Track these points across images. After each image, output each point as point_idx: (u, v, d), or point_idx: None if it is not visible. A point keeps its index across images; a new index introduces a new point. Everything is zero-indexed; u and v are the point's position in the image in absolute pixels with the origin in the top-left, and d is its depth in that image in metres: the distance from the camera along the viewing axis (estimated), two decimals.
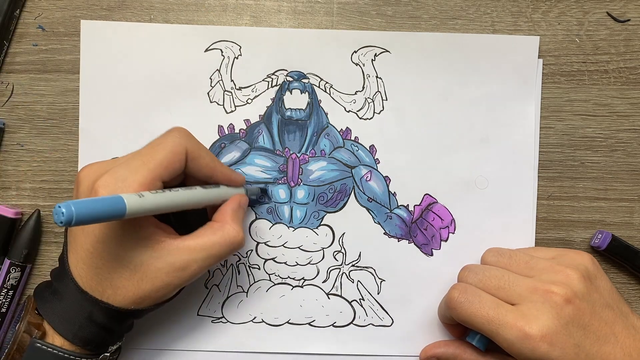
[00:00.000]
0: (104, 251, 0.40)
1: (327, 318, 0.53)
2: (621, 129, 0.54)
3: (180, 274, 0.42)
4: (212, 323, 0.53)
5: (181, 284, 0.43)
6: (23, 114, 0.53)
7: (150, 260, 0.41)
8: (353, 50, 0.53)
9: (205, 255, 0.42)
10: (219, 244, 0.43)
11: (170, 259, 0.41)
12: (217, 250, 0.43)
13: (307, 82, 0.53)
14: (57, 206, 0.32)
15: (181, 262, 0.42)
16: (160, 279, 0.41)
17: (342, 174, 0.53)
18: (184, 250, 0.42)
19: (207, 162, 0.45)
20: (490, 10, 0.54)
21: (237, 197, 0.47)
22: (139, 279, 0.41)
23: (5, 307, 0.51)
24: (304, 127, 0.53)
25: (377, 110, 0.53)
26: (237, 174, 0.48)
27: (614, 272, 0.54)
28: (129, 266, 0.41)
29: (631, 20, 0.54)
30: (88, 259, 0.41)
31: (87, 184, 0.41)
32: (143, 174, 0.40)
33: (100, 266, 0.41)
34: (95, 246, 0.40)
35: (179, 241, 0.42)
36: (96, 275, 0.41)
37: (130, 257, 0.40)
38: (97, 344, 0.43)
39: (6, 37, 0.52)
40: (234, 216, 0.45)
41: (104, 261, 0.40)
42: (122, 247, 0.40)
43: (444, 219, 0.53)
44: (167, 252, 0.41)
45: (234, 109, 0.53)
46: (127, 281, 0.41)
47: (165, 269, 0.41)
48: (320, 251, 0.53)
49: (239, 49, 0.53)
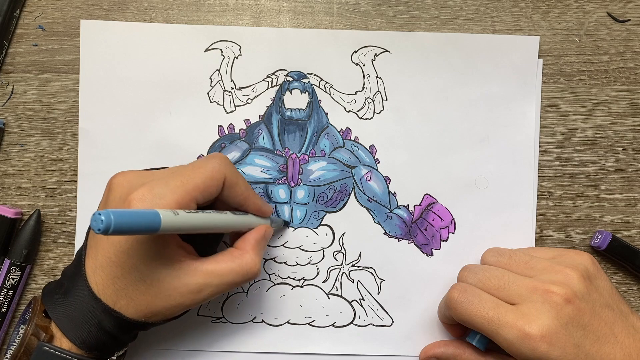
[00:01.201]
0: (125, 262, 0.40)
1: (327, 318, 0.53)
2: (621, 129, 0.54)
3: (193, 296, 0.42)
4: (212, 323, 0.53)
5: (192, 305, 0.43)
6: (23, 114, 0.53)
7: (167, 279, 0.41)
8: (353, 50, 0.53)
9: (220, 281, 0.42)
10: (235, 272, 0.43)
11: (186, 279, 0.41)
12: (233, 278, 0.43)
13: (307, 82, 0.53)
14: (97, 213, 0.32)
15: (197, 285, 0.42)
16: (173, 298, 0.41)
17: (342, 174, 0.53)
18: (201, 274, 0.42)
19: (242, 191, 0.45)
20: (490, 10, 0.54)
21: (263, 227, 0.47)
22: (154, 295, 0.41)
23: (6, 307, 0.51)
24: (304, 127, 0.53)
25: (377, 110, 0.53)
26: (267, 206, 0.48)
27: (614, 272, 0.54)
28: (146, 280, 0.41)
29: (631, 20, 0.54)
30: (108, 267, 0.41)
31: (120, 193, 0.41)
32: (180, 195, 0.40)
33: (119, 276, 0.40)
34: (118, 256, 0.40)
35: (198, 263, 0.42)
36: (113, 284, 0.41)
37: (149, 272, 0.40)
38: (103, 350, 0.43)
39: (6, 37, 0.52)
40: (256, 246, 0.45)
41: (123, 272, 0.40)
42: (144, 262, 0.40)
43: (444, 219, 0.53)
44: (185, 272, 0.41)
45: (234, 109, 0.53)
46: (142, 295, 0.41)
47: (180, 289, 0.41)
48: (320, 251, 0.53)
49: (239, 49, 0.53)
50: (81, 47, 0.53)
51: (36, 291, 0.53)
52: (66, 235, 0.53)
